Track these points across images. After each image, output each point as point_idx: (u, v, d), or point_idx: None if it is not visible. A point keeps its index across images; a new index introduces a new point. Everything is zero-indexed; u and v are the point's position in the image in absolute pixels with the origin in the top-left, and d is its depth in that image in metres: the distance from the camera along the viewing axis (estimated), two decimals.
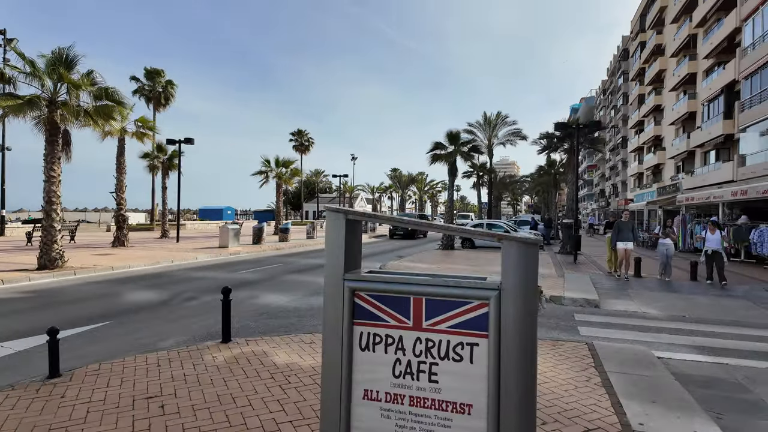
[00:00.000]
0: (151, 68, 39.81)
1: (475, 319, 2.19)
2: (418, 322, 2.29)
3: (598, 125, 16.35)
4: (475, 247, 22.93)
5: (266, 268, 13.93)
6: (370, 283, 2.40)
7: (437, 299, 2.26)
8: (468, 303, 2.22)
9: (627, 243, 11.81)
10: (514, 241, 2.14)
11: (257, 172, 30.56)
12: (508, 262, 2.14)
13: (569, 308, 8.75)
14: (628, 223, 12.21)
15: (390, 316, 2.34)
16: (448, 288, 2.25)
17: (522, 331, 2.11)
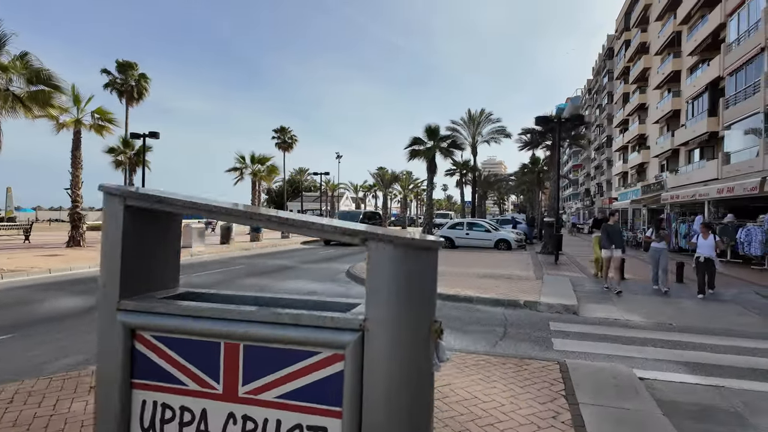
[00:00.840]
0: (123, 61, 38.12)
1: (321, 384, 1.24)
2: (232, 386, 1.32)
3: (580, 120, 15.60)
4: (455, 247, 22.09)
5: (226, 270, 12.88)
6: (160, 318, 1.40)
7: (263, 346, 1.31)
8: (311, 355, 1.27)
9: (614, 250, 10.36)
10: (387, 245, 1.20)
11: (231, 169, 29.35)
12: (378, 280, 1.21)
13: (545, 315, 7.88)
14: (615, 226, 10.83)
15: (189, 374, 1.36)
16: (280, 328, 1.29)
17: (399, 404, 1.18)
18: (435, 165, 19.87)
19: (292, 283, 10.68)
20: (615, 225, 10.83)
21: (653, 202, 23.15)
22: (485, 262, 15.18)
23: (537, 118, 15.70)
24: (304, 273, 12.66)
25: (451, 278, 11.19)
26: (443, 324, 1.94)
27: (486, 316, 7.63)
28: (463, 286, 9.90)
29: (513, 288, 9.89)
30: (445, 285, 10.06)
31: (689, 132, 29.68)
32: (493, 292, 9.32)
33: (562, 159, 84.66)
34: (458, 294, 8.95)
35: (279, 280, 11.28)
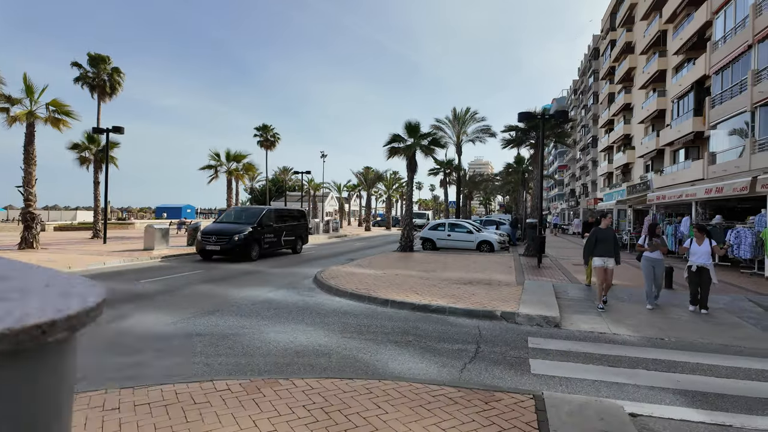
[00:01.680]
0: (95, 54, 36.51)
1: None
2: None
3: (564, 116, 14.85)
4: (436, 249, 21.25)
5: (179, 276, 11.82)
6: None
7: None
8: None
9: (607, 260, 8.57)
10: None
11: (205, 167, 28.14)
12: None
13: (524, 328, 7.03)
14: (608, 231, 8.87)
15: None
16: None
17: None
18: (415, 163, 18.97)
19: (248, 291, 9.69)
20: (608, 230, 8.94)
21: (639, 202, 22.60)
22: (465, 266, 14.35)
23: (520, 114, 14.90)
24: (269, 279, 11.67)
25: (425, 284, 10.31)
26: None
27: (457, 331, 6.75)
28: (436, 295, 9.02)
29: (491, 296, 9.04)
30: (418, 293, 9.17)
31: (674, 132, 29.32)
32: (468, 300, 8.45)
33: (547, 159, 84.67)
34: (430, 304, 8.06)
35: (235, 287, 10.28)
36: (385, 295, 8.78)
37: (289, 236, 18.16)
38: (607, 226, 8.99)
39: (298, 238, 19.07)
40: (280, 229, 17.58)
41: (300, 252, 19.09)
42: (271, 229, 16.91)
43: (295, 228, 18.82)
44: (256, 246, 15.80)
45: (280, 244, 17.67)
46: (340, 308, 8.13)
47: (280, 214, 18.47)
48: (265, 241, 16.50)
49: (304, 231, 19.81)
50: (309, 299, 8.94)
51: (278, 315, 7.52)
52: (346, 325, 6.90)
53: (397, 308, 8.15)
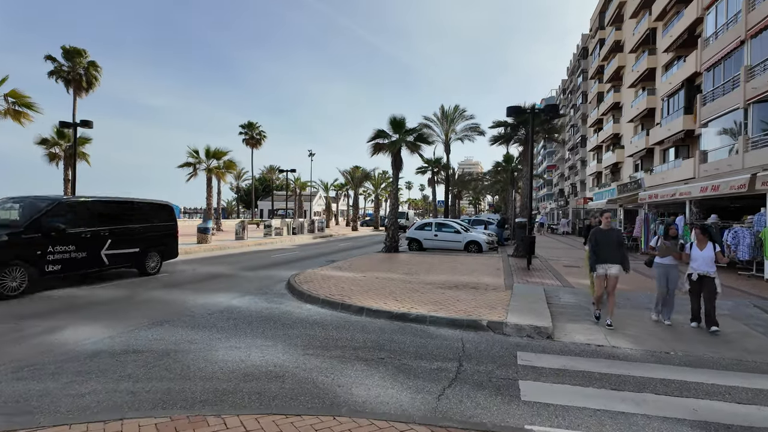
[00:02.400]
0: (70, 47, 35.09)
1: None
2: None
3: (555, 111, 14.14)
4: (423, 249, 20.47)
5: (137, 281, 10.85)
6: None
7: None
8: None
9: (610, 266, 7.14)
10: None
11: (183, 164, 27.02)
12: None
13: (512, 341, 6.24)
14: (610, 233, 7.34)
15: None
16: None
17: None
18: (400, 160, 18.15)
19: (211, 298, 8.78)
20: (610, 231, 7.37)
21: (630, 201, 22.06)
22: (451, 268, 13.57)
23: (509, 109, 14.14)
24: (238, 283, 10.76)
25: (407, 289, 9.48)
26: None
27: (438, 345, 5.93)
28: (418, 301, 8.20)
29: (477, 302, 8.25)
30: (397, 299, 8.34)
31: (664, 130, 28.92)
32: (452, 308, 7.64)
33: (536, 159, 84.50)
34: (409, 312, 7.22)
35: (198, 293, 9.36)
36: (361, 302, 7.94)
37: (125, 247, 11.09)
38: (609, 226, 7.41)
39: (151, 249, 11.88)
40: (98, 237, 10.38)
41: (155, 273, 11.94)
42: (71, 237, 9.71)
43: (141, 234, 11.66)
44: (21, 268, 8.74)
45: (95, 261, 10.29)
46: (308, 317, 7.26)
47: (94, 209, 10.60)
48: (53, 257, 9.34)
49: (167, 239, 12.69)
50: (276, 307, 8.06)
51: (236, 326, 6.63)
52: (311, 339, 6.04)
53: (373, 317, 7.31)
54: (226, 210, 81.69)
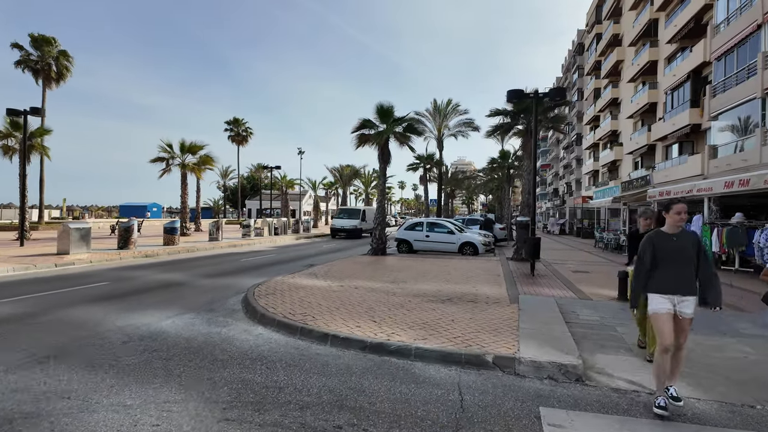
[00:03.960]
0: (38, 35, 33.11)
1: None
2: None
3: (561, 94, 12.45)
4: (413, 251, 18.69)
5: (64, 292, 8.95)
6: None
7: None
8: None
9: (683, 300, 4.03)
10: None
11: (155, 159, 24.95)
12: None
13: (530, 385, 4.46)
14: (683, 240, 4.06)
15: None
16: None
17: None
18: (388, 153, 16.38)
19: (141, 317, 6.92)
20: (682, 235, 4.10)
21: (637, 199, 20.47)
22: (445, 273, 11.80)
23: (510, 93, 12.41)
24: (185, 295, 8.89)
25: (390, 304, 7.68)
26: None
27: (426, 397, 4.13)
28: (402, 322, 6.40)
29: (478, 323, 6.47)
30: (376, 319, 6.53)
31: (668, 125, 27.44)
32: (446, 333, 5.85)
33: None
34: (388, 342, 5.41)
35: (128, 309, 7.49)
36: (328, 325, 6.12)
37: None
38: (680, 226, 4.08)
39: None
40: None
41: None
42: None
43: None
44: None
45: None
46: (253, 349, 5.43)
47: None
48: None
49: None
50: (217, 332, 6.21)
51: (148, 365, 4.79)
52: (244, 388, 4.22)
53: (340, 347, 5.50)
54: (213, 209, 79.28)
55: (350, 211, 33.46)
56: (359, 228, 30.93)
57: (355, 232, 30.52)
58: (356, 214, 32.08)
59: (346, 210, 33.83)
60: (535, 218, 12.95)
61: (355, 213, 32.53)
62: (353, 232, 30.49)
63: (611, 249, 20.81)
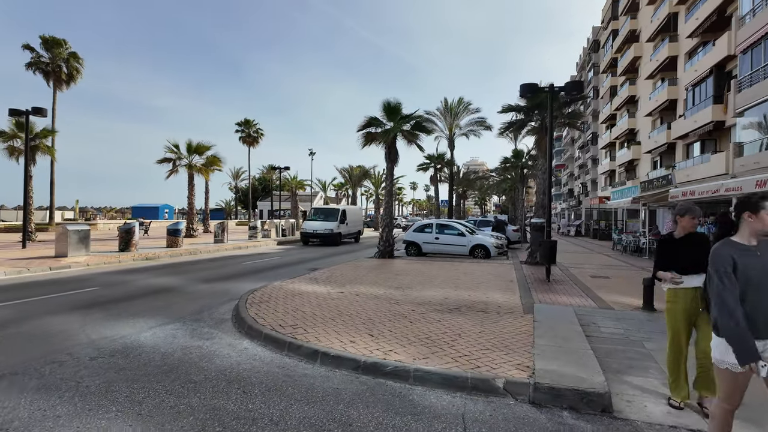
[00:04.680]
0: (49, 37, 33.18)
1: None
2: None
3: (578, 88, 11.66)
4: (422, 254, 18.01)
5: (49, 299, 8.49)
6: None
7: None
8: None
9: None
10: None
11: (162, 160, 24.68)
12: None
13: (547, 419, 3.78)
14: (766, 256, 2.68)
15: None
16: None
17: None
18: (396, 152, 15.75)
19: (119, 327, 6.39)
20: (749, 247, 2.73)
21: (657, 200, 19.50)
22: (454, 278, 11.11)
23: (523, 87, 11.67)
24: (176, 302, 8.37)
25: (391, 314, 7.03)
26: None
27: (423, 431, 3.49)
28: (402, 336, 5.75)
29: (487, 337, 5.79)
30: (373, 333, 5.89)
31: (689, 123, 26.33)
32: (450, 350, 5.19)
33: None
34: (384, 362, 4.77)
35: (109, 318, 6.98)
36: (319, 340, 5.51)
37: None
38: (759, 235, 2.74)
39: None
40: None
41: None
42: None
43: None
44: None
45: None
46: (233, 368, 4.84)
47: None
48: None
49: None
50: (198, 345, 5.63)
51: (110, 388, 4.23)
52: (209, 420, 3.62)
53: (330, 366, 4.87)
54: (225, 211, 79.44)
55: (326, 211, 26.83)
56: (337, 233, 24.83)
57: (331, 238, 24.29)
58: (333, 215, 25.69)
59: (322, 210, 27.20)
60: (550, 219, 12.18)
61: (332, 214, 25.92)
62: (329, 237, 24.22)
63: (630, 252, 19.87)
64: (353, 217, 27.82)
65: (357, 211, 30.48)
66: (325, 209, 27.25)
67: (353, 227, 27.68)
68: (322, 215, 26.23)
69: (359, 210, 32.46)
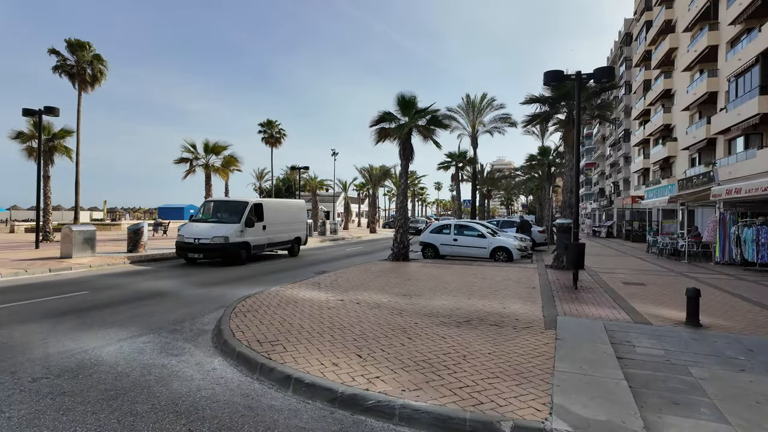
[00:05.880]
0: (74, 40, 33.71)
1: None
2: None
3: (609, 75, 10.50)
4: (440, 257, 17.05)
5: (28, 304, 8.01)
6: None
7: None
8: None
9: None
10: None
11: (179, 160, 24.51)
12: None
13: None
14: None
15: None
16: None
17: None
18: (410, 148, 14.87)
19: (84, 339, 5.78)
20: None
21: (697, 199, 17.95)
22: (468, 285, 10.16)
23: (547, 74, 10.60)
24: (160, 309, 7.76)
25: (390, 328, 6.17)
26: None
27: None
28: (395, 359, 4.89)
29: (497, 361, 4.87)
30: (362, 353, 5.04)
31: (732, 116, 24.42)
32: (450, 378, 4.30)
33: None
34: (366, 393, 3.92)
35: (81, 327, 6.40)
36: (296, 361, 4.71)
37: None
38: None
39: None
40: None
41: None
42: None
43: None
44: None
45: None
46: (191, 395, 4.09)
47: None
48: None
49: None
50: (163, 364, 4.92)
51: (35, 419, 3.54)
52: None
53: (303, 397, 4.06)
54: None
55: (225, 206, 16.29)
56: (237, 242, 14.54)
57: (226, 251, 14.33)
58: (236, 213, 15.27)
59: (218, 204, 16.75)
60: (578, 220, 11.07)
61: (235, 210, 15.46)
62: (221, 251, 14.28)
63: (667, 255, 18.38)
64: (282, 215, 17.55)
65: (292, 207, 19.27)
66: (225, 203, 16.75)
67: (283, 232, 17.49)
68: (215, 213, 16.02)
69: (297, 205, 20.02)
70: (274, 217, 16.91)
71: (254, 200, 16.07)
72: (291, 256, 17.99)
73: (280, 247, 17.64)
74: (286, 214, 17.99)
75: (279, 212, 17.45)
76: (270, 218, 16.51)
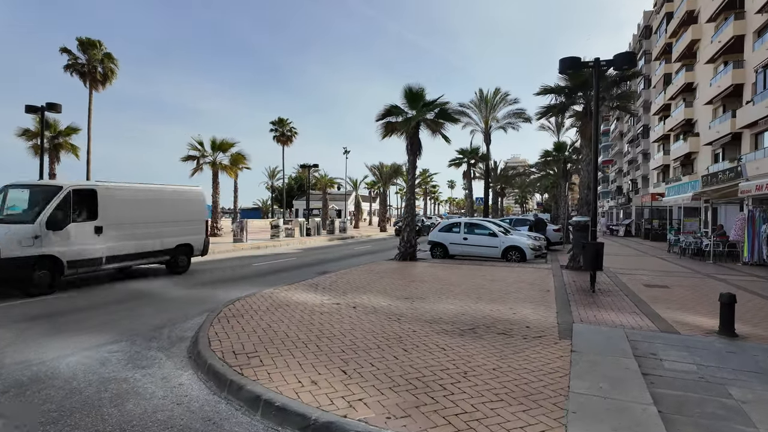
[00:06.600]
0: (85, 39, 33.83)
1: None
2: None
3: (630, 61, 9.72)
4: (449, 256, 16.36)
5: (13, 306, 7.60)
6: None
7: None
8: None
9: None
10: None
11: (186, 158, 24.23)
12: None
13: None
14: None
15: None
16: None
17: None
18: (418, 143, 14.26)
19: (50, 348, 5.32)
20: None
21: (723, 195, 16.93)
22: (477, 287, 9.50)
23: (562, 62, 9.87)
24: (142, 312, 7.31)
25: (385, 337, 5.57)
26: None
27: None
28: (382, 375, 4.28)
29: (503, 378, 4.23)
30: (347, 368, 4.44)
31: (759, 109, 23.20)
32: (444, 402, 3.68)
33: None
34: (344, 420, 3.32)
35: (50, 333, 5.96)
36: (271, 376, 4.13)
37: None
38: None
39: None
40: None
41: None
42: None
43: None
44: None
45: None
46: (144, 418, 3.55)
47: None
48: None
49: None
50: (125, 378, 4.39)
51: None
52: None
53: (272, 423, 3.49)
54: (261, 210, 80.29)
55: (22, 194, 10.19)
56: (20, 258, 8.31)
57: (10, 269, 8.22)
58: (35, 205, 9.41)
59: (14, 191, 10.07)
60: (596, 218, 10.30)
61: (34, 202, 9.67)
62: None
63: (690, 255, 17.40)
64: (146, 211, 11.29)
65: (170, 198, 12.23)
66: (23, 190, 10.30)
67: (149, 237, 11.22)
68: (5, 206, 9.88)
69: (182, 195, 12.69)
70: (128, 213, 10.67)
71: (76, 185, 9.68)
72: (174, 273, 11.82)
73: (146, 260, 11.25)
74: (156, 208, 11.50)
75: (138, 205, 11.01)
76: (115, 215, 10.32)
